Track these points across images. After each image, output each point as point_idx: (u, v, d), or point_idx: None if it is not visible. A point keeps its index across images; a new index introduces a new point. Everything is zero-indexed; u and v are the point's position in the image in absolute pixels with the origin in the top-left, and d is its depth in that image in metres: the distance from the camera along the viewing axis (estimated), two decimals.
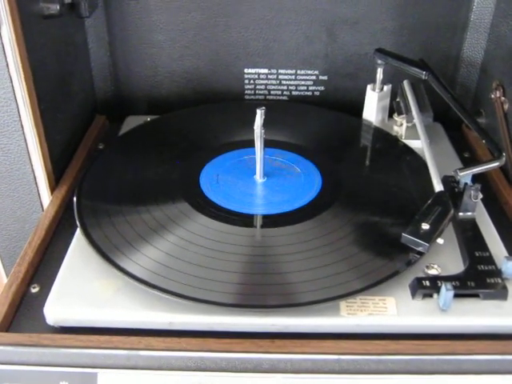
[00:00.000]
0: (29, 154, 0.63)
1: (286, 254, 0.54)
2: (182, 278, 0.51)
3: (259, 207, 0.61)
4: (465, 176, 0.58)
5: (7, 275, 0.74)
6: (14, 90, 0.59)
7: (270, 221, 0.59)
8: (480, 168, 0.59)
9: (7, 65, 0.57)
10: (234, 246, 0.55)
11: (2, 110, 0.60)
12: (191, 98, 0.84)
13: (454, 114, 0.81)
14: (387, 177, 0.66)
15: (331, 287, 0.50)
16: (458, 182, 0.62)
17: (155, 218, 0.58)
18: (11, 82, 0.58)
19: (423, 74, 0.69)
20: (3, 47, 0.56)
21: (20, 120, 0.60)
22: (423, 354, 0.47)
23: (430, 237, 0.52)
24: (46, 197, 0.66)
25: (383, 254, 0.54)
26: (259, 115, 0.60)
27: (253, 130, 0.62)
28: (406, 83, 0.74)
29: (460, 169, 0.57)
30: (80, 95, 0.79)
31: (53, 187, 0.66)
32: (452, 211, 0.56)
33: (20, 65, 0.57)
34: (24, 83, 0.58)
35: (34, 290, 0.55)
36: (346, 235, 0.56)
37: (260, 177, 0.64)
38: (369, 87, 0.75)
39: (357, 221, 0.58)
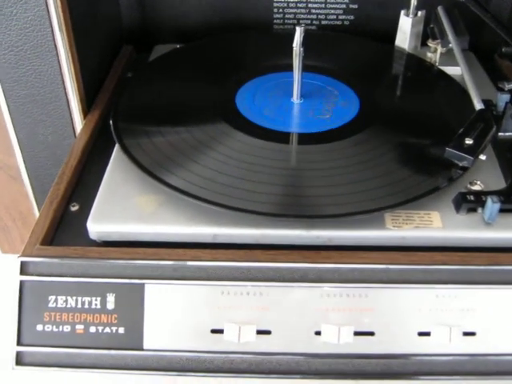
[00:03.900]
0: (62, 76, 0.61)
1: (328, 168, 0.54)
2: (225, 190, 0.50)
3: (299, 126, 0.60)
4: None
5: (38, 206, 0.74)
6: (47, 8, 0.57)
7: (311, 138, 0.58)
8: None
9: None
10: (276, 161, 0.54)
11: (35, 29, 0.58)
12: (218, 28, 0.82)
13: (486, 43, 0.80)
14: (425, 100, 0.65)
15: (374, 199, 0.50)
16: (495, 106, 0.61)
17: (195, 137, 0.57)
18: None
19: None
20: None
21: (54, 40, 0.59)
22: (469, 265, 0.47)
23: (474, 151, 0.52)
24: (79, 122, 0.65)
25: (425, 171, 0.54)
26: (299, 32, 0.58)
27: (286, 56, 0.60)
28: (440, 8, 0.73)
29: (507, 81, 0.57)
30: (108, 23, 0.77)
31: (85, 112, 0.65)
32: (494, 127, 0.55)
33: None
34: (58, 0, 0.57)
35: (74, 208, 0.55)
36: (387, 152, 0.56)
37: (297, 98, 0.63)
38: (402, 12, 0.73)
39: (398, 140, 0.58)
